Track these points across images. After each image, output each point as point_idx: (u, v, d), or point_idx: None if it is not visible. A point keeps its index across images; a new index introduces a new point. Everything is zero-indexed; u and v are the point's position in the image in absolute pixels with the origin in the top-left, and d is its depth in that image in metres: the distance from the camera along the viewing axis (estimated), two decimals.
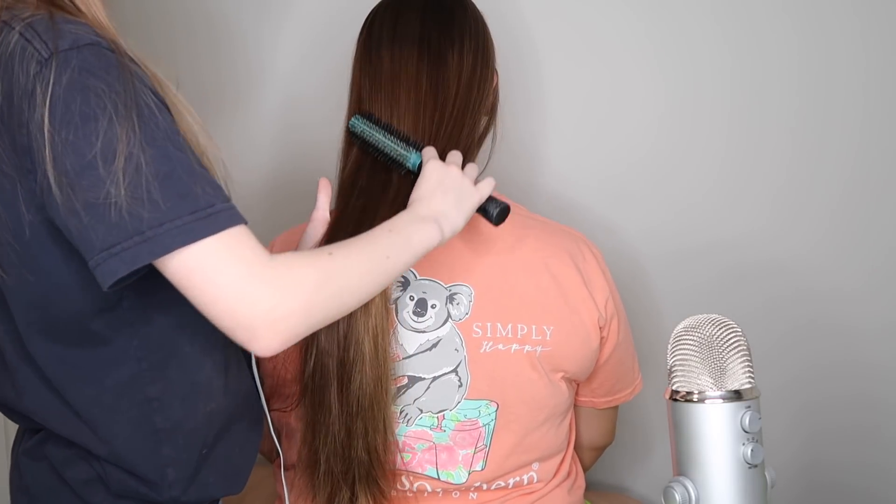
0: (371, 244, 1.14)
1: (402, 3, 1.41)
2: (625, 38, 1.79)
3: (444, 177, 1.26)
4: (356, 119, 1.35)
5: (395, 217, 1.20)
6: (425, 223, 1.20)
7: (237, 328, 1.00)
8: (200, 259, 0.98)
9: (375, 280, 1.13)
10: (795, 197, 1.79)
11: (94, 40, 0.99)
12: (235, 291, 0.99)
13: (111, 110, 0.96)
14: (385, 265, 1.14)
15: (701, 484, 1.00)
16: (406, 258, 1.17)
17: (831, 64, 1.74)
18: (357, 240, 1.14)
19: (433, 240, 1.20)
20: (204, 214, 0.98)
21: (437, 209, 1.23)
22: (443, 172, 1.26)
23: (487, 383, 1.36)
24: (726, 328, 1.03)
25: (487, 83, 1.41)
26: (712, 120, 1.79)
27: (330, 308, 1.07)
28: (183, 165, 0.99)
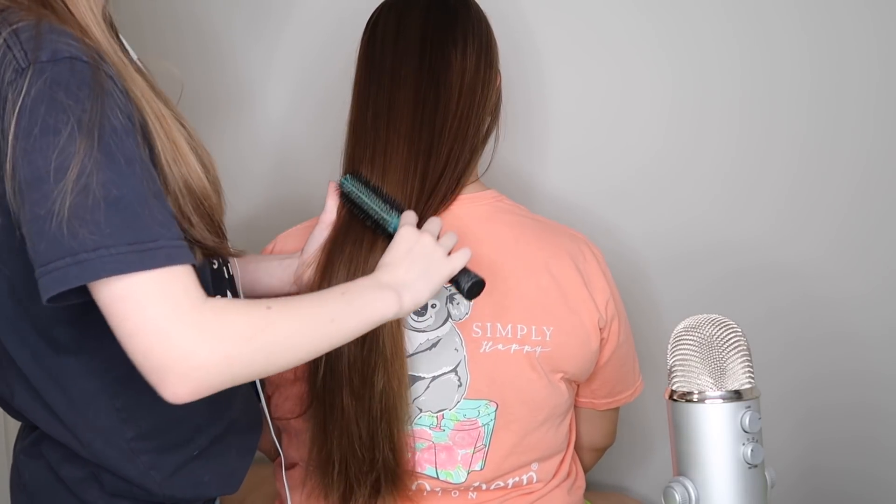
0: (317, 304, 1.10)
1: (406, 3, 1.41)
2: (631, 38, 1.78)
3: (415, 244, 1.22)
4: (346, 179, 1.34)
5: (356, 280, 1.17)
6: (384, 292, 1.16)
7: (149, 368, 0.97)
8: (128, 291, 0.95)
9: (315, 342, 1.09)
10: (803, 203, 1.78)
11: (74, 55, 0.99)
12: (155, 330, 0.96)
13: (74, 126, 0.96)
14: (328, 329, 1.09)
15: (701, 484, 1.00)
16: (354, 325, 1.12)
17: (843, 69, 1.72)
18: (305, 297, 1.12)
19: (388, 310, 1.15)
20: (142, 248, 0.96)
21: (401, 278, 1.18)
22: (414, 240, 1.22)
23: (487, 383, 1.36)
24: (726, 328, 1.03)
25: (491, 83, 1.41)
26: (720, 123, 1.78)
27: (255, 363, 1.03)
28: (136, 193, 0.97)
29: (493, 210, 1.42)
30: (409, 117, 1.35)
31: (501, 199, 1.44)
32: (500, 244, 1.39)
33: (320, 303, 1.11)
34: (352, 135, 1.40)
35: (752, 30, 1.75)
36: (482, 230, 1.39)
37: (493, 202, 1.42)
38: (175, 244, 0.99)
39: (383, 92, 1.37)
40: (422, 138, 1.35)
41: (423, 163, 1.35)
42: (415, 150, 1.35)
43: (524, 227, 1.41)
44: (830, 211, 1.77)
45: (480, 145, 1.42)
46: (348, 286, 1.15)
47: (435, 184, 1.35)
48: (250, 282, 1.38)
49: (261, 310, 1.04)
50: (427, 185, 1.35)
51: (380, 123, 1.36)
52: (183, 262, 0.99)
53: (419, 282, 1.19)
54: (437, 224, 1.27)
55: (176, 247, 0.99)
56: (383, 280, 1.17)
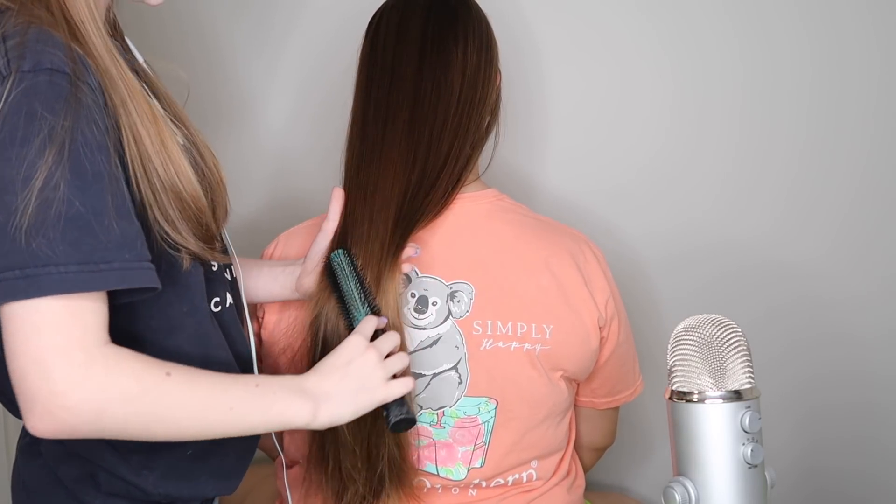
0: (221, 388, 1.05)
1: (407, 3, 1.41)
2: (631, 38, 1.78)
3: (357, 359, 1.15)
4: (337, 254, 1.31)
5: (280, 376, 1.13)
6: (301, 399, 1.10)
7: (20, 392, 0.95)
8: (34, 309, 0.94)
9: (204, 426, 1.05)
10: (804, 202, 1.78)
11: (56, 66, 0.99)
12: (38, 358, 0.94)
13: (45, 137, 0.96)
14: (224, 416, 1.05)
15: (701, 484, 1.00)
16: (254, 422, 1.08)
17: (843, 68, 1.73)
18: (212, 375, 1.06)
19: (298, 419, 1.09)
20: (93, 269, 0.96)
21: (326, 391, 1.12)
22: (358, 353, 1.15)
23: (487, 381, 1.36)
24: (726, 328, 1.03)
25: (491, 82, 1.42)
26: (721, 123, 1.78)
27: (129, 426, 1.00)
28: (97, 211, 0.97)
29: (493, 209, 1.42)
30: (408, 113, 1.36)
31: (503, 198, 1.44)
32: (500, 242, 1.39)
33: (226, 387, 1.06)
34: (353, 132, 1.40)
35: (753, 30, 1.75)
36: (483, 228, 1.40)
37: (493, 201, 1.43)
38: (131, 266, 0.99)
39: (384, 89, 1.37)
40: (422, 134, 1.35)
41: (422, 158, 1.35)
42: (414, 145, 1.35)
43: (525, 225, 1.42)
44: (831, 211, 1.78)
45: (480, 143, 1.42)
46: (267, 380, 1.10)
47: (435, 179, 1.36)
48: (253, 287, 1.38)
49: (157, 374, 1.01)
50: (426, 181, 1.35)
51: (379, 118, 1.37)
52: (137, 284, 0.99)
53: (344, 400, 1.13)
54: (392, 342, 1.20)
55: (131, 269, 0.99)
56: (306, 386, 1.11)
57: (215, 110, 1.84)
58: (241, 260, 1.36)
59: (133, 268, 0.99)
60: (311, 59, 1.84)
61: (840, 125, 1.74)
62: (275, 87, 1.85)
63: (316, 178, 1.79)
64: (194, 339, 1.16)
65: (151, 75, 1.25)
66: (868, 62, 1.72)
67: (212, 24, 1.83)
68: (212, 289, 1.20)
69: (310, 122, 1.86)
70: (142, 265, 1.01)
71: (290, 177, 1.89)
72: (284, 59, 1.85)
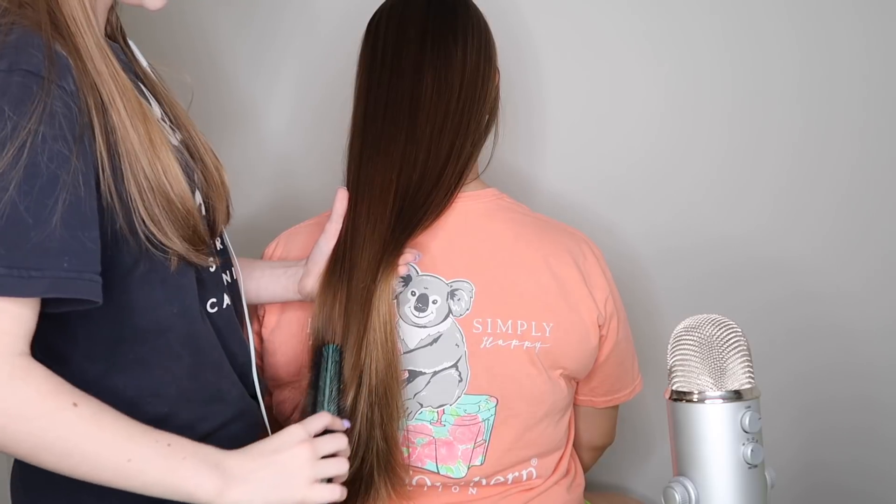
0: (127, 437, 1.00)
1: (407, 3, 1.42)
2: (625, 36, 1.79)
3: (288, 450, 1.07)
4: (328, 348, 1.28)
5: (201, 444, 1.04)
6: (210, 474, 1.02)
7: None
8: None
9: (96, 469, 0.99)
10: (796, 197, 1.79)
11: (32, 68, 1.00)
12: None
13: (7, 136, 0.97)
14: (122, 466, 0.99)
15: (701, 484, 1.00)
16: (152, 481, 1.01)
17: (833, 62, 1.74)
18: (121, 421, 1.00)
19: (200, 494, 1.01)
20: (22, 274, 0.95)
21: (243, 474, 1.04)
22: (290, 444, 1.08)
23: (487, 379, 1.36)
24: (726, 328, 1.02)
25: (490, 80, 1.42)
26: (713, 119, 1.79)
27: (16, 444, 0.97)
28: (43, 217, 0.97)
29: (493, 208, 1.42)
30: (408, 111, 1.36)
31: (502, 197, 1.44)
32: (500, 241, 1.39)
33: (132, 437, 1.00)
34: (354, 131, 1.40)
35: (745, 31, 1.76)
36: (483, 227, 1.40)
37: (493, 200, 1.43)
38: (67, 275, 0.97)
39: (383, 87, 1.38)
40: (423, 132, 1.36)
41: (423, 157, 1.35)
42: (415, 144, 1.35)
43: (524, 224, 1.42)
44: (824, 205, 1.79)
45: (480, 141, 1.42)
46: (182, 443, 1.03)
47: (436, 179, 1.36)
48: (255, 288, 1.38)
49: (63, 401, 0.97)
50: (427, 181, 1.35)
51: (379, 117, 1.37)
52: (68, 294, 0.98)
53: (259, 489, 1.04)
54: (335, 445, 1.13)
55: (67, 278, 0.97)
56: (224, 463, 1.04)
57: (216, 112, 1.84)
58: (242, 260, 1.37)
59: (69, 277, 0.98)
60: (312, 60, 1.84)
61: (831, 121, 1.76)
62: (276, 88, 1.85)
63: (317, 178, 1.79)
64: (185, 340, 1.16)
65: (153, 78, 1.26)
66: (857, 58, 1.73)
67: (213, 27, 1.83)
68: (208, 290, 1.21)
69: (310, 123, 1.86)
70: (81, 276, 0.99)
71: (291, 177, 1.89)
72: (285, 61, 1.84)
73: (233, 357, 1.24)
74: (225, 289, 1.25)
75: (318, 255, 1.35)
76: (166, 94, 1.26)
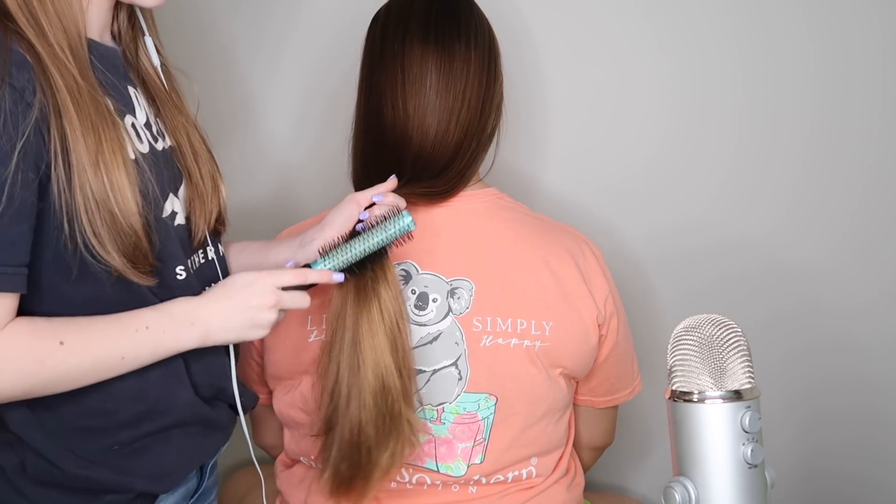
0: (112, 342, 1.13)
1: (412, 4, 1.42)
2: (631, 37, 1.78)
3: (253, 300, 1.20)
4: (406, 217, 1.28)
5: (169, 310, 1.16)
6: (190, 330, 1.17)
7: None
8: None
9: (101, 375, 1.13)
10: (807, 203, 1.76)
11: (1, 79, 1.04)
12: None
13: None
14: (120, 364, 1.13)
15: (701, 484, 1.00)
16: (148, 360, 1.15)
17: (848, 64, 1.71)
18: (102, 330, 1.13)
19: (189, 346, 1.18)
20: None
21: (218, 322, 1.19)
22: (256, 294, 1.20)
23: (487, 377, 1.36)
24: (726, 328, 1.02)
25: (496, 80, 1.42)
26: (721, 122, 1.77)
27: (33, 392, 1.10)
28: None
29: (493, 207, 1.42)
30: (413, 108, 1.36)
31: (502, 196, 1.44)
32: (500, 240, 1.39)
33: (116, 339, 1.13)
34: (356, 127, 1.41)
35: (755, 28, 1.73)
36: (482, 226, 1.40)
37: (494, 200, 1.43)
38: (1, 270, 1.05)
39: (386, 83, 1.37)
40: (430, 128, 1.36)
41: (428, 151, 1.36)
42: (421, 135, 1.36)
43: (524, 224, 1.42)
44: (834, 214, 1.76)
45: (486, 142, 1.43)
46: (157, 318, 1.15)
47: (440, 173, 1.37)
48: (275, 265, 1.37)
49: (51, 345, 1.09)
50: (432, 176, 1.35)
51: (386, 112, 1.37)
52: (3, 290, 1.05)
53: (232, 329, 1.19)
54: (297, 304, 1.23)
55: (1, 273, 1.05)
56: (198, 317, 1.17)
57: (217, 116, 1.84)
58: (244, 244, 1.38)
59: None
60: (313, 63, 1.83)
61: (843, 126, 1.73)
62: (279, 89, 1.85)
63: (318, 178, 1.79)
64: None
65: (157, 81, 1.25)
66: (872, 61, 1.70)
67: (214, 29, 1.83)
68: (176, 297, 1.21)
69: (313, 126, 1.86)
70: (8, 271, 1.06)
71: (292, 179, 1.89)
72: (285, 62, 1.84)
73: (210, 365, 1.24)
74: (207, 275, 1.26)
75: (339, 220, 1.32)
76: (168, 98, 1.26)
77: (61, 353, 1.09)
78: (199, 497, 1.32)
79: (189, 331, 1.17)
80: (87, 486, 1.17)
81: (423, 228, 1.37)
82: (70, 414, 1.15)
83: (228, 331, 1.19)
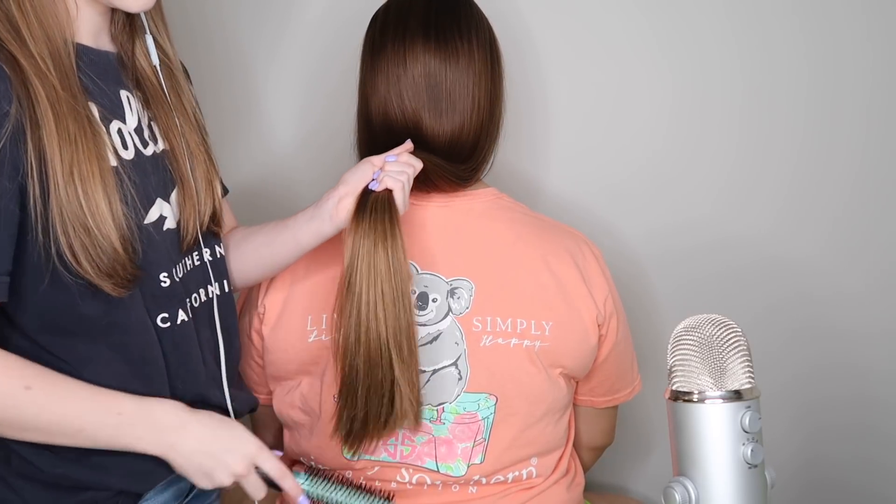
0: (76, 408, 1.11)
1: (407, 2, 1.42)
2: (631, 38, 1.79)
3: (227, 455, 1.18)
4: None
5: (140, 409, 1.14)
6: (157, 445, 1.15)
7: None
8: None
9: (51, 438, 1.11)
10: (801, 200, 1.79)
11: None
12: None
13: None
14: (72, 434, 1.11)
15: (701, 484, 1.00)
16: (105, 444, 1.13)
17: (839, 69, 1.74)
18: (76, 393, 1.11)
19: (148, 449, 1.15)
20: None
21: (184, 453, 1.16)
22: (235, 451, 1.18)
23: (487, 377, 1.36)
24: (726, 328, 1.02)
25: (501, 77, 1.43)
26: (720, 123, 1.79)
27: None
28: None
29: (493, 207, 1.42)
30: (421, 110, 1.36)
31: (502, 196, 1.44)
32: (500, 240, 1.40)
33: (82, 412, 1.11)
34: (360, 125, 1.42)
35: (753, 31, 1.76)
36: (482, 226, 1.40)
37: (493, 199, 1.43)
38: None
39: (390, 85, 1.37)
40: (437, 126, 1.36)
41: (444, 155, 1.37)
42: (432, 138, 1.37)
43: (524, 224, 1.42)
44: (828, 209, 1.80)
45: (496, 139, 1.44)
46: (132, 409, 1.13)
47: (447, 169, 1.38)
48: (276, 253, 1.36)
49: (15, 387, 1.08)
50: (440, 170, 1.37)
51: (388, 115, 1.38)
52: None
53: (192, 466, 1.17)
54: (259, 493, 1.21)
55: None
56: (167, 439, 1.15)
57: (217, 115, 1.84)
58: (254, 228, 1.38)
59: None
60: (313, 63, 1.84)
61: (836, 124, 1.76)
62: (278, 91, 1.85)
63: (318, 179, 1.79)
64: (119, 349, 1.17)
65: (154, 82, 1.25)
66: (863, 63, 1.74)
67: (213, 28, 1.83)
68: (159, 304, 1.20)
69: (313, 122, 1.86)
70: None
71: (292, 180, 1.89)
72: (287, 63, 1.84)
73: (195, 372, 1.24)
74: (183, 305, 1.24)
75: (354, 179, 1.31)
76: (165, 99, 1.25)
77: (22, 398, 1.08)
78: (194, 497, 1.32)
79: (156, 438, 1.15)
80: (65, 483, 1.17)
81: (423, 228, 1.37)
82: None
83: (186, 460, 1.16)
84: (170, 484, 1.26)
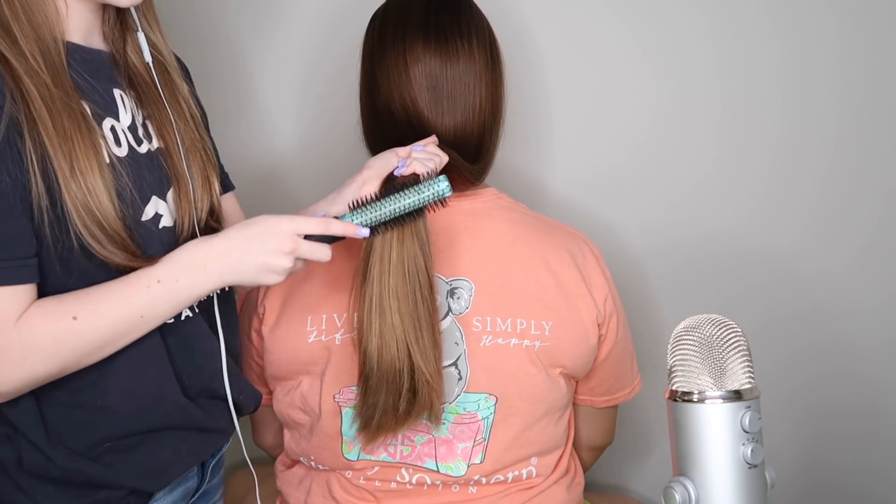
0: (126, 304, 1.13)
1: (406, 2, 1.42)
2: (617, 38, 1.80)
3: (267, 244, 1.17)
4: (442, 182, 1.25)
5: (171, 263, 1.16)
6: (208, 279, 1.17)
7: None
8: None
9: (126, 337, 1.14)
10: (829, 214, 1.82)
11: None
12: None
13: None
14: (141, 323, 1.14)
15: (701, 484, 1.00)
16: (169, 313, 1.17)
17: (812, 68, 1.77)
18: (113, 296, 1.13)
19: (207, 291, 1.18)
20: None
21: (230, 267, 1.17)
22: (273, 237, 1.17)
23: (487, 377, 1.36)
24: (726, 328, 1.02)
25: (502, 75, 1.43)
26: (703, 118, 1.81)
27: (65, 369, 1.12)
28: None
29: (493, 207, 1.42)
30: (425, 109, 1.37)
31: (501, 196, 1.44)
32: (499, 240, 1.39)
33: (130, 300, 1.13)
34: (365, 120, 1.43)
35: (733, 31, 1.78)
36: (482, 226, 1.40)
37: (493, 199, 1.43)
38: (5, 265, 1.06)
39: (392, 85, 1.38)
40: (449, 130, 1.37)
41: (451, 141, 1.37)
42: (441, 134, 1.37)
43: (523, 223, 1.42)
44: (833, 218, 1.81)
45: (499, 138, 1.44)
46: (167, 271, 1.15)
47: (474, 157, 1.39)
48: None
49: (66, 323, 1.10)
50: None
51: (385, 109, 1.38)
52: (12, 283, 1.07)
53: (245, 272, 1.18)
54: (317, 255, 1.20)
55: (5, 267, 1.06)
56: (210, 266, 1.16)
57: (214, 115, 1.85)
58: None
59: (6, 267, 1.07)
60: (313, 63, 1.84)
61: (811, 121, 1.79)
62: (277, 88, 1.85)
63: (317, 177, 1.79)
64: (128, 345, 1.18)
65: (148, 79, 1.25)
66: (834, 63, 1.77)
67: (212, 26, 1.83)
68: None
69: (311, 116, 1.86)
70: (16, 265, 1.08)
71: (292, 180, 1.89)
72: (286, 63, 1.85)
73: (198, 368, 1.24)
74: None
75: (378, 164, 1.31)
76: (158, 97, 1.25)
77: (77, 327, 1.10)
78: (200, 496, 1.32)
79: (203, 275, 1.16)
80: (79, 480, 1.17)
81: None
82: (65, 408, 1.16)
83: (241, 273, 1.17)
84: (178, 484, 1.26)
